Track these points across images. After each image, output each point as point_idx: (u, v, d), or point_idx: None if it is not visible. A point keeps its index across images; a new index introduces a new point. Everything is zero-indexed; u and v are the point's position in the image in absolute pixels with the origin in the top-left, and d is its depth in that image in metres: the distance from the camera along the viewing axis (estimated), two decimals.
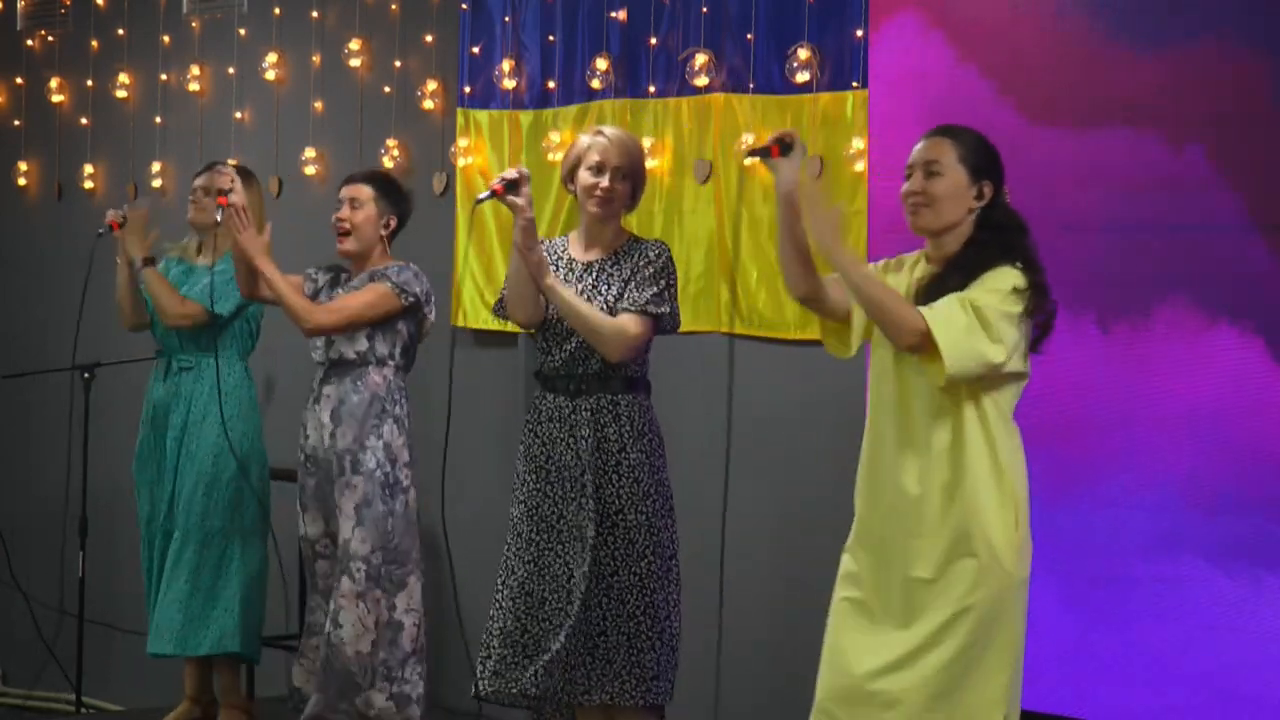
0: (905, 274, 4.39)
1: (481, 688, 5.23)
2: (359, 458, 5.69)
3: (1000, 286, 4.15)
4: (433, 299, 5.82)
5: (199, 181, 6.41)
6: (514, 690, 5.19)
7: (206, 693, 6.48)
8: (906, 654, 4.21)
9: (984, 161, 4.29)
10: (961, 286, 4.17)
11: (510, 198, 5.10)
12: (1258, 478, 4.88)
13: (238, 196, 5.66)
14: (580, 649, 5.10)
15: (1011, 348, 4.14)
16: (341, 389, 5.73)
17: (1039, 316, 4.21)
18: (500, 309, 5.35)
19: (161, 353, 6.45)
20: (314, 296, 5.82)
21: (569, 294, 5.10)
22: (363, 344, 5.72)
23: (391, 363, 5.75)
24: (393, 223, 5.82)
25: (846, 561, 4.41)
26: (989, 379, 4.17)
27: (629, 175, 5.18)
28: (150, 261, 6.28)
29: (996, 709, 4.19)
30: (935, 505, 4.21)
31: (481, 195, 5.24)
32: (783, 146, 4.40)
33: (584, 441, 5.13)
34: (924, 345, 4.13)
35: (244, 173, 6.38)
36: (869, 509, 4.37)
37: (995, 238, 4.24)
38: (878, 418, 4.37)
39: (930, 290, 4.22)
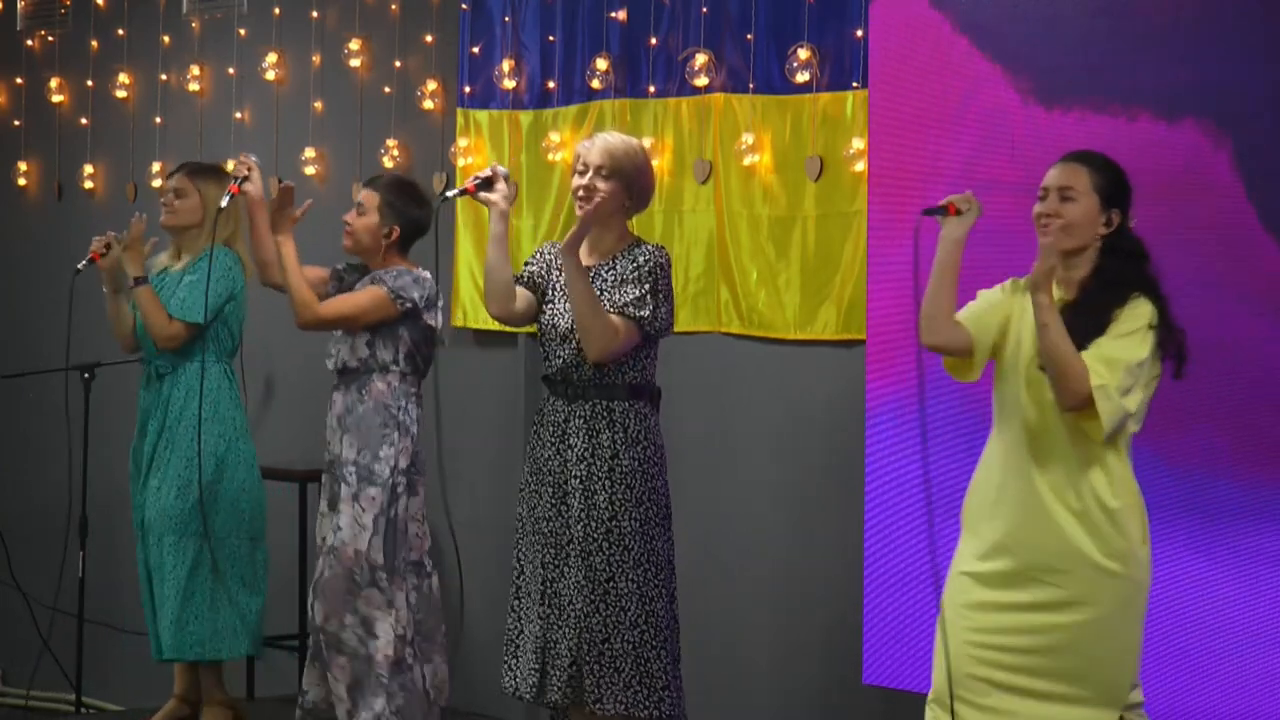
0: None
1: (502, 684, 5.28)
2: (373, 469, 5.65)
3: (1137, 326, 4.36)
4: (437, 305, 5.71)
5: (169, 183, 6.30)
6: (519, 693, 5.21)
7: (194, 691, 6.47)
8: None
9: (1115, 190, 4.46)
10: (1099, 317, 4.37)
11: (483, 194, 5.11)
12: (1259, 480, 4.87)
13: (253, 186, 5.65)
14: (587, 657, 5.09)
15: (1147, 390, 4.39)
16: (348, 398, 5.72)
17: (1170, 347, 4.40)
18: None
19: (145, 360, 6.38)
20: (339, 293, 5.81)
21: (587, 282, 5.05)
22: (364, 351, 5.69)
23: (396, 369, 5.69)
24: (395, 233, 5.71)
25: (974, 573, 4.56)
26: None
27: (613, 174, 5.12)
28: (142, 280, 6.18)
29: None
30: (1071, 521, 4.40)
31: (450, 192, 5.24)
32: (958, 210, 4.54)
33: (575, 448, 5.12)
34: (1084, 407, 4.32)
35: (197, 169, 6.35)
36: (992, 524, 4.52)
37: (1126, 266, 4.44)
38: (1008, 435, 4.51)
39: (1070, 321, 4.37)
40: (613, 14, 6.48)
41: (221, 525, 6.25)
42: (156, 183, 7.98)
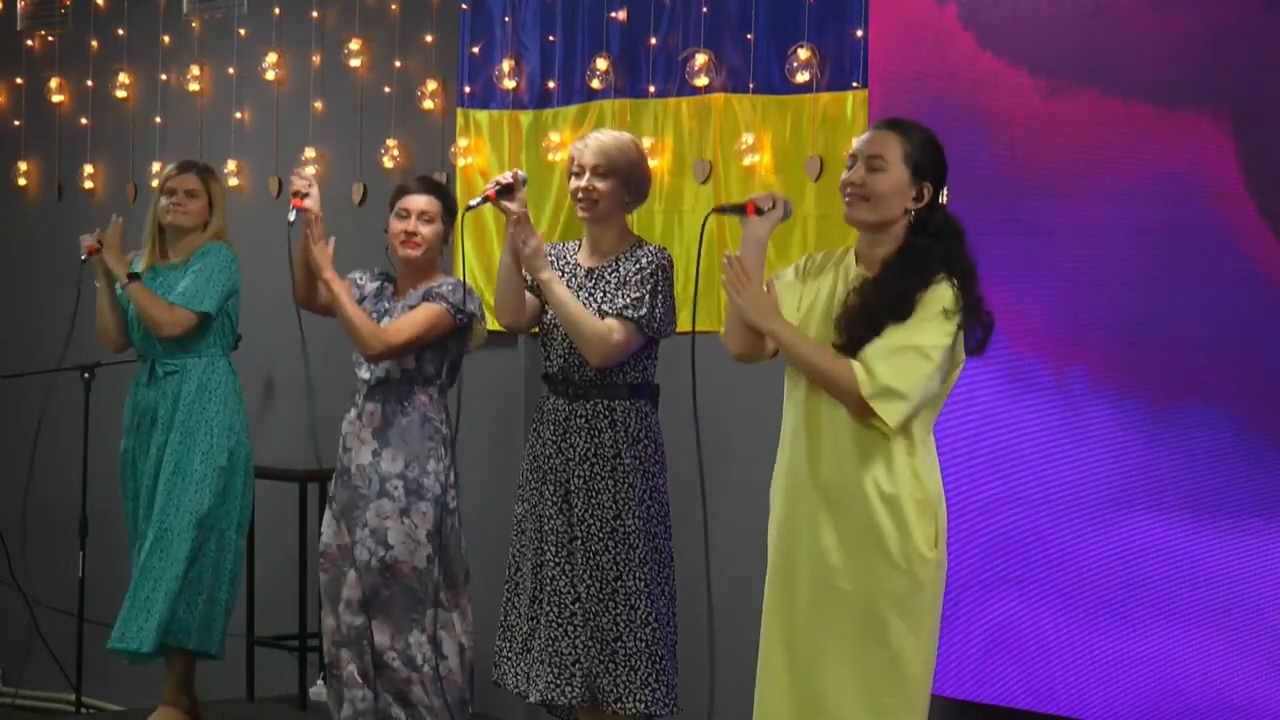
0: (831, 277, 4.32)
1: (493, 675, 5.29)
2: (423, 483, 5.58)
3: (933, 313, 4.12)
4: (482, 313, 5.72)
5: (179, 183, 6.27)
6: (517, 689, 5.22)
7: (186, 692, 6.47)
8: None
9: (928, 162, 4.23)
10: (900, 300, 4.13)
11: (504, 203, 5.07)
12: (1265, 473, 4.88)
13: (314, 203, 5.55)
14: (600, 657, 5.09)
15: (943, 376, 4.18)
16: (388, 409, 5.61)
17: (976, 331, 4.18)
18: None
19: (143, 358, 6.34)
20: (359, 303, 5.66)
21: (563, 290, 5.06)
22: (410, 363, 5.60)
23: (437, 382, 5.64)
24: (451, 236, 5.74)
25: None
26: None
27: (610, 173, 5.12)
28: (135, 277, 6.17)
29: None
30: (856, 515, 4.21)
31: (473, 201, 5.22)
32: (758, 209, 4.33)
33: (577, 447, 5.12)
34: (866, 411, 4.13)
35: (206, 170, 6.36)
36: (786, 511, 4.41)
37: (933, 244, 4.19)
38: (791, 418, 4.35)
39: (867, 300, 4.16)
40: (613, 14, 6.48)
41: (232, 520, 6.26)
42: (156, 183, 7.99)
